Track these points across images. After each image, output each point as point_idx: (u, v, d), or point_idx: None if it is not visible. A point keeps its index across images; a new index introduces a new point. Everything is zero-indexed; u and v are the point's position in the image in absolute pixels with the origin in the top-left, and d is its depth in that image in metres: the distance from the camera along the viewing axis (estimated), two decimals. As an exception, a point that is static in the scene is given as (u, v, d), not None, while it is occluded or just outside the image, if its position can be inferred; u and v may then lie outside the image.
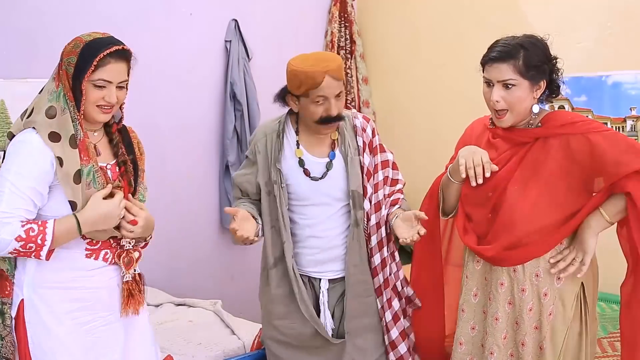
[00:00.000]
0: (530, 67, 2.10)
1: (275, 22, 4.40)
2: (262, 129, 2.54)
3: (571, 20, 3.66)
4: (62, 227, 1.92)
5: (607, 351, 2.84)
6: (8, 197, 1.87)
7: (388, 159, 2.56)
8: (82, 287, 2.01)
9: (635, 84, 3.44)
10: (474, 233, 2.30)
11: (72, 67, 1.96)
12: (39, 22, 3.45)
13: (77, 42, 1.98)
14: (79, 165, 1.94)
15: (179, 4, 3.97)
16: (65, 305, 1.98)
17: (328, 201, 2.45)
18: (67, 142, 1.94)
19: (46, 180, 1.92)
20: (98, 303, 2.04)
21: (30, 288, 1.97)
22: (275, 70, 4.31)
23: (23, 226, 1.87)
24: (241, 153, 4.17)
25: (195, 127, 4.10)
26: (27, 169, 1.90)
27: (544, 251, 2.19)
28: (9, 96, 3.36)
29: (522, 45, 2.10)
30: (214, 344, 2.95)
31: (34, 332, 1.96)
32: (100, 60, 1.93)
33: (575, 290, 2.21)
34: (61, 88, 1.97)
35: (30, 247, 1.87)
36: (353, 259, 2.46)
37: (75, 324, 1.99)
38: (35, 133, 1.92)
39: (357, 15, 4.78)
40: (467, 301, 2.37)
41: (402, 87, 4.59)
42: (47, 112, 1.94)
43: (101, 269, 2.04)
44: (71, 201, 1.94)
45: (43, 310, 1.96)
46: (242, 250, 4.30)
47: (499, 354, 2.26)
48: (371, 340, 2.52)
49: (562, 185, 2.16)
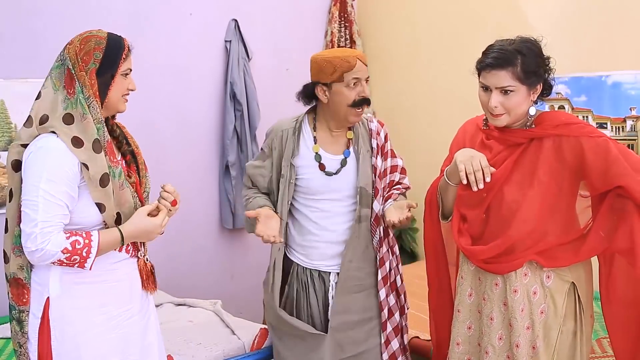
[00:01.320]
0: (528, 73, 2.10)
1: (275, 22, 4.41)
2: (279, 125, 2.61)
3: (571, 20, 3.66)
4: (107, 239, 1.94)
5: (607, 351, 2.84)
6: (44, 206, 1.86)
7: (397, 164, 2.68)
8: (106, 280, 2.02)
9: (635, 84, 3.44)
10: (469, 234, 2.30)
11: (97, 63, 1.95)
12: (39, 22, 3.45)
13: (95, 39, 1.97)
14: (106, 169, 1.95)
15: (179, 4, 3.98)
16: (93, 300, 1.99)
17: (339, 197, 2.54)
18: (91, 147, 1.92)
19: (75, 182, 1.92)
20: (121, 296, 2.05)
21: (57, 286, 1.96)
22: (275, 70, 4.35)
23: (68, 238, 1.88)
24: (241, 153, 4.17)
25: (195, 127, 4.11)
26: (57, 175, 1.88)
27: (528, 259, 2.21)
28: (9, 96, 3.37)
29: (520, 51, 2.10)
30: (214, 344, 2.95)
31: (58, 329, 1.96)
32: (127, 51, 2.00)
33: (565, 288, 2.22)
34: (78, 93, 1.93)
35: (74, 259, 1.89)
36: (349, 254, 2.53)
37: (103, 319, 2.01)
38: (56, 137, 1.90)
39: (357, 15, 4.78)
40: (462, 302, 2.38)
41: (402, 87, 4.59)
42: (64, 119, 1.92)
43: (122, 261, 2.06)
44: (98, 204, 1.95)
45: (70, 307, 1.96)
46: (242, 250, 4.31)
47: (493, 354, 2.27)
48: (360, 334, 2.57)
49: (554, 187, 2.17)
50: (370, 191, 2.55)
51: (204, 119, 4.12)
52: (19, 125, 3.39)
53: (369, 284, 2.59)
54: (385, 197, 2.59)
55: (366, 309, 2.59)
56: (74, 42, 1.98)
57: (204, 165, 4.16)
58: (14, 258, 1.97)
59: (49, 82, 1.98)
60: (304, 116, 2.61)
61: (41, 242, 1.84)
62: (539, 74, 2.13)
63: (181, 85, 3.99)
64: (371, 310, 2.60)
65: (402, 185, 2.66)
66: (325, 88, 2.46)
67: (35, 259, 1.88)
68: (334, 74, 2.42)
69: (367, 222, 2.55)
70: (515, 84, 2.10)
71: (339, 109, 2.48)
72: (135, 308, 2.09)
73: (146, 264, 2.13)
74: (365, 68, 2.49)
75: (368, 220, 2.55)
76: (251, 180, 2.63)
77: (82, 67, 1.94)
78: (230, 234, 4.29)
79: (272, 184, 2.57)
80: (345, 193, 2.54)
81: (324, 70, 2.43)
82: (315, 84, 2.48)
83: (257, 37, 4.28)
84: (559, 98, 3.73)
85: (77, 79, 1.94)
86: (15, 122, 3.38)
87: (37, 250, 1.85)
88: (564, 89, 3.71)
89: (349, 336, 2.56)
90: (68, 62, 1.95)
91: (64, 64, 1.96)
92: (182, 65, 3.98)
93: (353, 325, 2.57)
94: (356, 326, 2.57)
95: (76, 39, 1.98)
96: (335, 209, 2.54)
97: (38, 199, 1.85)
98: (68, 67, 1.95)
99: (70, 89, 1.94)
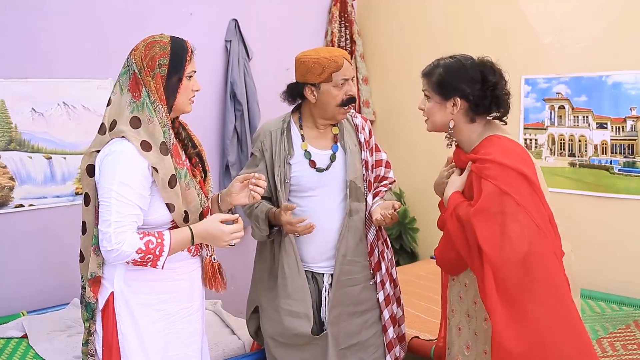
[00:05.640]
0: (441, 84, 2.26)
1: (275, 22, 4.41)
2: (266, 127, 2.63)
3: (571, 20, 3.66)
4: (178, 238, 2.01)
5: (607, 351, 2.84)
6: (116, 207, 1.92)
7: (382, 158, 2.73)
8: (168, 278, 2.09)
9: (635, 84, 3.44)
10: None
11: (165, 69, 2.00)
12: (39, 22, 3.45)
13: (159, 44, 2.02)
14: (174, 170, 2.00)
15: (179, 4, 3.98)
16: (154, 297, 2.07)
17: (329, 192, 2.56)
18: (158, 149, 1.98)
19: (147, 184, 1.98)
20: (181, 294, 2.12)
21: (121, 281, 2.03)
22: (276, 70, 4.35)
23: (142, 239, 1.94)
24: (241, 153, 4.17)
25: (195, 126, 4.06)
26: (129, 177, 1.94)
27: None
28: (9, 96, 3.36)
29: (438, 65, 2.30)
30: (214, 344, 2.95)
31: (122, 322, 2.03)
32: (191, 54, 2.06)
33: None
34: (145, 97, 1.99)
35: (148, 258, 1.95)
36: (342, 248, 2.55)
37: (162, 315, 2.08)
38: (127, 141, 1.96)
39: (357, 15, 4.79)
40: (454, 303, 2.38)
41: (402, 87, 4.59)
42: (131, 123, 1.97)
43: (184, 261, 2.13)
44: (168, 204, 2.02)
45: (133, 302, 2.04)
46: (242, 250, 4.31)
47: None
48: (353, 326, 2.59)
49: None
50: (360, 185, 2.59)
51: (204, 119, 4.12)
52: (19, 125, 3.39)
53: (363, 278, 2.61)
54: (372, 193, 2.63)
55: (360, 301, 2.61)
56: (139, 47, 2.03)
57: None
58: (94, 257, 2.04)
59: (117, 88, 2.04)
60: (290, 116, 2.63)
61: (116, 242, 1.91)
62: (454, 88, 2.22)
63: (181, 85, 3.99)
64: (366, 303, 2.62)
65: (388, 180, 2.74)
66: (313, 88, 2.48)
67: (111, 259, 1.95)
68: (322, 75, 2.45)
69: (358, 216, 2.57)
70: (429, 91, 2.30)
71: (327, 108, 2.51)
72: (195, 306, 2.17)
73: (212, 263, 2.20)
74: (351, 67, 2.52)
75: (359, 214, 2.58)
76: None
77: (148, 72, 2.00)
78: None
79: (270, 186, 2.57)
80: (336, 187, 2.57)
81: (312, 71, 2.45)
82: (303, 84, 2.49)
83: (257, 37, 4.29)
84: (559, 98, 3.73)
85: (143, 84, 1.99)
86: (15, 122, 3.38)
87: (112, 250, 1.92)
88: (564, 89, 3.71)
89: (342, 328, 2.58)
90: (134, 67, 2.01)
91: (130, 69, 2.02)
92: (182, 65, 3.98)
93: (346, 318, 2.59)
94: (349, 318, 2.59)
95: (140, 44, 2.04)
96: (326, 204, 2.56)
97: (111, 200, 1.93)
98: (134, 71, 2.00)
99: (136, 93, 2.00)
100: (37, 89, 3.45)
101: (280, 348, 2.61)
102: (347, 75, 2.48)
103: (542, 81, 3.80)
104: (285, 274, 2.54)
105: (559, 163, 3.77)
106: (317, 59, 2.44)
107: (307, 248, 2.57)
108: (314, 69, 2.44)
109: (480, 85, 2.20)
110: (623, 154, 3.51)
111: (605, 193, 3.59)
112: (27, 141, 3.43)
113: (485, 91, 2.20)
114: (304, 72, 2.47)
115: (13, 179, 3.39)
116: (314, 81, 2.46)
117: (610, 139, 3.55)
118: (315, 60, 2.44)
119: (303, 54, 2.50)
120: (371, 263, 2.61)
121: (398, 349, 2.68)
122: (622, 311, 3.32)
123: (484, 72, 2.22)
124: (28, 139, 3.42)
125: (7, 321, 3.20)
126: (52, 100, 3.49)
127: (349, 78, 2.50)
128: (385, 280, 2.64)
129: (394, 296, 2.68)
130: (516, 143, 2.21)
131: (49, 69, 3.49)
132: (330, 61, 2.44)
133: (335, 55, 2.46)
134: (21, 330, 3.08)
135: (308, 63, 2.46)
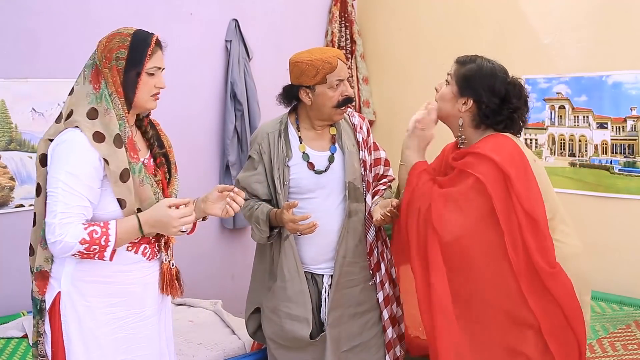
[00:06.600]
0: (464, 78, 2.24)
1: (275, 22, 4.41)
2: (263, 129, 2.61)
3: (571, 20, 3.66)
4: (124, 227, 1.93)
5: (608, 351, 2.84)
6: (63, 197, 1.87)
7: (381, 156, 2.70)
8: (119, 282, 2.02)
9: (635, 84, 3.44)
10: None
11: (123, 61, 1.96)
12: (39, 22, 3.45)
13: (120, 36, 1.99)
14: (126, 164, 1.95)
15: (179, 4, 3.98)
16: (102, 300, 2.00)
17: (328, 193, 2.54)
18: (112, 142, 1.94)
19: (97, 176, 1.93)
20: (132, 299, 2.05)
21: (69, 281, 1.97)
22: (276, 70, 4.34)
23: (86, 229, 1.88)
24: (241, 153, 4.17)
25: (196, 127, 4.10)
26: (78, 168, 1.89)
27: None
28: (9, 96, 3.37)
29: (473, 61, 2.27)
30: (214, 344, 2.96)
31: (68, 324, 1.97)
32: (153, 49, 1.99)
33: None
34: (103, 89, 1.96)
35: (94, 249, 1.89)
36: (342, 250, 2.54)
37: (110, 318, 2.01)
38: (80, 132, 1.92)
39: (357, 15, 4.78)
40: None
41: (402, 87, 4.59)
42: (88, 114, 1.94)
43: (138, 263, 2.06)
44: (119, 199, 1.96)
45: (79, 303, 1.97)
46: (242, 250, 4.31)
47: None
48: (354, 327, 2.59)
49: None
50: (359, 185, 2.57)
51: (204, 119, 4.12)
52: (19, 125, 3.39)
53: (362, 279, 2.60)
54: (372, 192, 2.62)
55: (360, 303, 2.60)
56: (103, 39, 2.01)
57: (205, 165, 4.16)
58: (41, 250, 1.99)
59: (80, 79, 2.02)
60: (287, 117, 2.61)
61: (59, 233, 1.86)
62: (473, 88, 2.21)
63: (181, 85, 3.98)
64: (366, 304, 2.61)
65: (387, 179, 2.71)
66: (308, 91, 2.46)
67: (56, 251, 1.90)
68: (316, 77, 2.42)
69: (357, 217, 2.56)
70: (452, 78, 2.27)
71: (323, 110, 2.48)
72: (148, 312, 2.09)
73: (171, 269, 2.14)
74: (345, 67, 2.49)
75: (358, 214, 2.56)
76: (247, 191, 2.57)
77: (106, 64, 1.97)
78: (231, 234, 4.29)
79: (270, 188, 2.56)
80: (335, 189, 2.55)
81: (306, 73, 2.42)
82: (298, 87, 2.47)
83: (257, 37, 4.28)
84: (559, 98, 3.73)
85: (102, 75, 1.96)
86: (15, 122, 3.38)
87: (56, 242, 1.86)
88: (564, 89, 3.71)
89: (343, 330, 2.57)
90: (96, 59, 1.98)
91: (94, 60, 2.00)
92: (183, 65, 3.98)
93: (347, 319, 2.58)
94: (350, 320, 2.58)
95: (105, 36, 2.01)
96: (325, 205, 2.54)
97: (58, 190, 1.88)
98: (96, 63, 1.98)
99: (96, 84, 1.97)
100: (37, 89, 3.45)
101: (281, 350, 2.61)
102: (341, 76, 2.45)
103: (542, 81, 3.80)
104: (285, 277, 2.53)
105: (559, 163, 3.77)
106: (311, 61, 2.42)
107: (306, 249, 2.56)
108: (307, 71, 2.42)
109: (500, 101, 2.20)
110: (623, 154, 3.51)
111: (605, 193, 3.59)
112: (27, 141, 3.43)
113: (503, 109, 2.20)
114: (298, 74, 2.45)
115: (13, 179, 3.40)
116: (309, 83, 2.44)
117: (610, 138, 3.55)
118: (309, 63, 2.42)
119: (296, 56, 2.48)
120: (371, 263, 2.61)
121: (398, 348, 2.68)
122: (622, 311, 3.31)
123: (509, 92, 2.22)
124: (28, 139, 3.42)
125: (7, 321, 3.20)
126: (52, 100, 3.49)
127: (344, 78, 2.47)
128: (384, 280, 2.63)
129: (393, 296, 2.67)
130: (513, 142, 2.21)
131: (49, 69, 3.48)
132: (324, 63, 2.41)
133: (329, 57, 2.43)
134: (21, 330, 3.08)
135: (301, 65, 2.43)
